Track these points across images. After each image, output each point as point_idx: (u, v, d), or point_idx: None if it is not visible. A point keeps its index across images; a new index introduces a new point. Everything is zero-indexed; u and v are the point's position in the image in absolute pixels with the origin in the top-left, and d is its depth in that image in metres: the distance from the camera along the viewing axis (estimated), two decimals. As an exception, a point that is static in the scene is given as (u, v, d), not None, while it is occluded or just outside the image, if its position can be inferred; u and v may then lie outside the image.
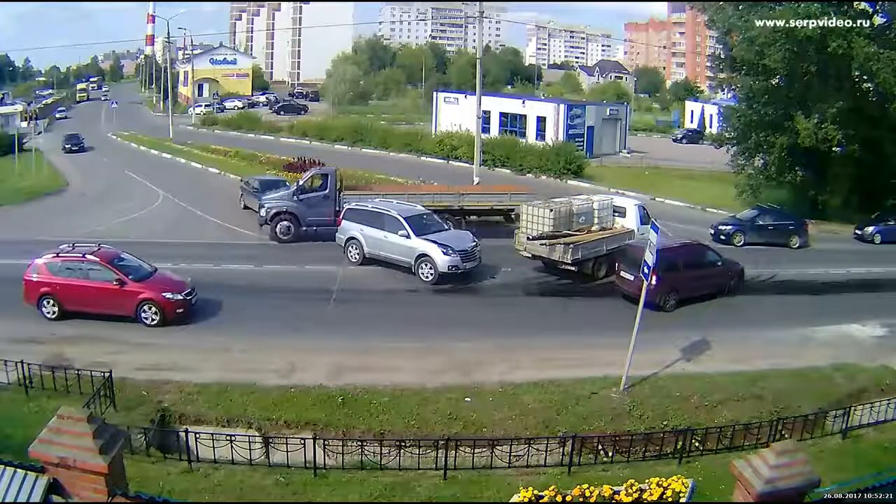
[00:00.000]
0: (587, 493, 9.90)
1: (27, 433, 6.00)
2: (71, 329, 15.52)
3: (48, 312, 16.37)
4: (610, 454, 11.85)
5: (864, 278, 23.20)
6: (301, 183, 24.05)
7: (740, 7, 30.89)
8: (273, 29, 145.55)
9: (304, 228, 23.41)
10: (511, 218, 24.91)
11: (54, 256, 16.69)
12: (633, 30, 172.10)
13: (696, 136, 69.17)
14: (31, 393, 12.36)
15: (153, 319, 16.24)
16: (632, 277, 17.91)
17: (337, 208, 23.09)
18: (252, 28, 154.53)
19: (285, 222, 23.22)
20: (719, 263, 20.32)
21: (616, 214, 22.55)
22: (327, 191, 23.36)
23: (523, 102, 55.41)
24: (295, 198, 23.49)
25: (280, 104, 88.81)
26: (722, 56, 34.20)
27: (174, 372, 13.66)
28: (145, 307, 16.21)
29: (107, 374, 12.18)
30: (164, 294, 16.37)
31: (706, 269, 19.89)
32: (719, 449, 11.82)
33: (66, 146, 49.10)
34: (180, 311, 16.50)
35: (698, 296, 19.32)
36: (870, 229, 29.03)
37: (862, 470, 10.38)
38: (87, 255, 16.57)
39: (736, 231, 26.71)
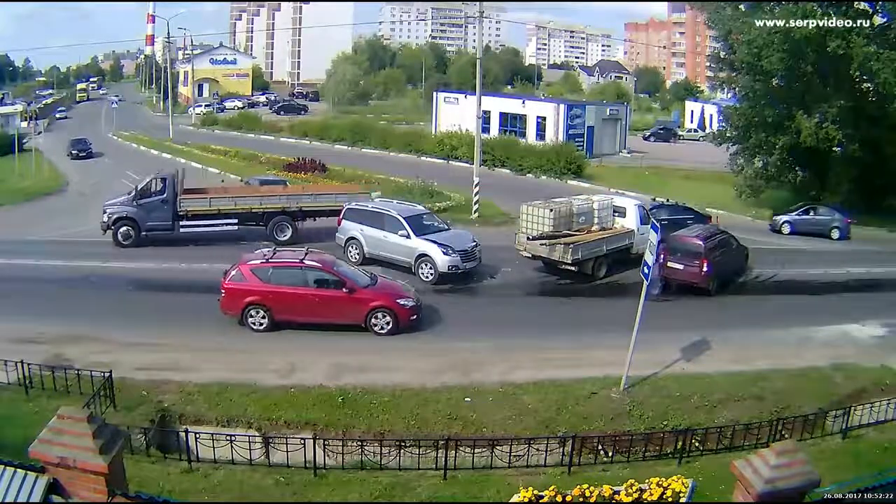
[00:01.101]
0: (587, 493, 9.88)
1: (27, 433, 5.99)
2: (71, 329, 15.48)
3: (256, 323, 15.71)
4: (610, 454, 11.84)
5: (864, 278, 23.17)
6: (140, 188, 23.49)
7: (741, 7, 30.92)
8: (273, 29, 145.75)
9: (144, 233, 22.97)
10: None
11: (263, 262, 16.03)
12: (633, 30, 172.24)
13: (666, 134, 67.99)
14: (31, 393, 12.34)
15: (384, 328, 15.85)
16: (681, 266, 19.63)
17: (175, 212, 22.80)
18: (252, 28, 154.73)
19: (126, 227, 22.78)
20: (735, 246, 21.83)
21: (616, 214, 22.55)
22: (165, 195, 22.97)
23: (523, 102, 55.45)
24: (134, 203, 23.02)
25: (280, 104, 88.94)
26: (722, 56, 34.22)
27: (174, 372, 13.64)
28: (377, 315, 15.77)
29: (107, 374, 12.17)
30: (398, 301, 15.97)
31: (733, 252, 21.57)
32: (719, 449, 11.80)
33: (73, 152, 45.23)
34: (413, 318, 16.16)
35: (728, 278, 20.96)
36: (779, 219, 29.42)
37: (862, 470, 10.36)
38: (305, 261, 16.05)
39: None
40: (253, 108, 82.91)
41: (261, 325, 15.77)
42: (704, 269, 19.44)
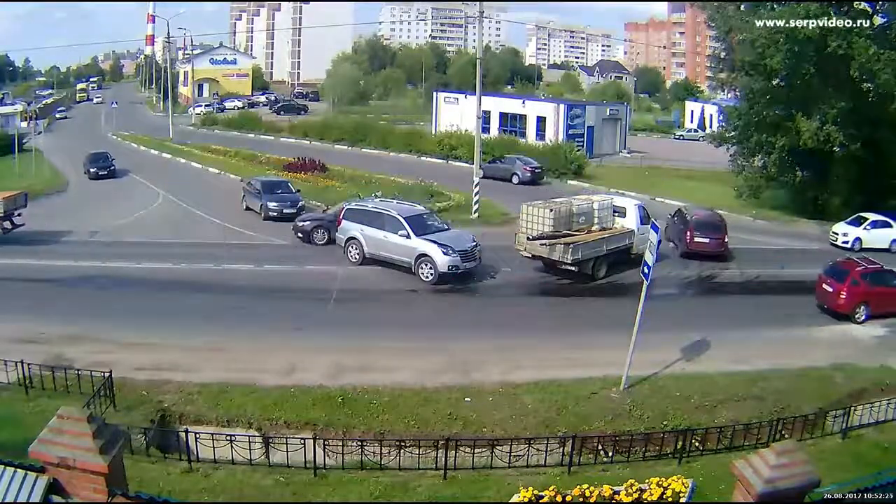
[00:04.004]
0: (587, 493, 9.89)
1: (27, 433, 6.00)
2: (71, 329, 15.49)
3: (860, 317, 18.32)
4: (610, 454, 11.85)
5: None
6: None
7: (741, 7, 30.87)
8: (273, 29, 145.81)
9: None
10: (10, 223, 23.63)
11: (864, 269, 18.54)
12: (633, 30, 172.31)
13: None
14: (31, 393, 12.35)
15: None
16: (708, 240, 23.58)
17: None
18: (252, 28, 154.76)
19: None
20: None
21: (616, 214, 22.55)
22: None
23: (523, 102, 55.40)
24: None
25: (280, 104, 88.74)
26: (722, 56, 34.16)
27: (174, 372, 13.65)
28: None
29: (107, 374, 12.18)
30: None
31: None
32: (719, 449, 11.82)
33: (91, 169, 37.92)
34: None
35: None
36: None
37: (862, 470, 10.38)
38: (883, 266, 19.09)
39: (315, 227, 24.06)
40: (253, 108, 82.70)
41: (863, 319, 18.35)
42: (726, 240, 23.77)
